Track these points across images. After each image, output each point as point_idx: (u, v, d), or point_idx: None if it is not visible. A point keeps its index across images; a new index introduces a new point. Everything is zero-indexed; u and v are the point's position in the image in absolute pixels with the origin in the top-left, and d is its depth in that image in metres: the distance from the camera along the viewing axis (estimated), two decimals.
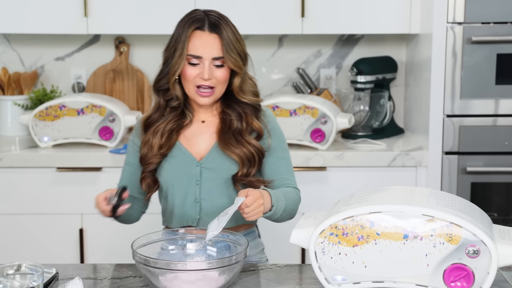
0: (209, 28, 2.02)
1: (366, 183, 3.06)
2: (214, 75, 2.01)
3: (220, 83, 2.03)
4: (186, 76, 2.02)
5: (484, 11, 3.00)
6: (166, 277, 1.69)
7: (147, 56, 3.61)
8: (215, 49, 2.01)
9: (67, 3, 3.23)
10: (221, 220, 1.83)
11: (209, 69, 2.00)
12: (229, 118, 2.07)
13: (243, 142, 2.04)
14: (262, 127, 2.08)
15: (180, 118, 2.09)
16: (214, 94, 2.04)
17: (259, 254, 2.17)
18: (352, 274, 1.69)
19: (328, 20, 3.25)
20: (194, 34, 2.02)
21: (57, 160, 3.09)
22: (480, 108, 3.06)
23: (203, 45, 2.01)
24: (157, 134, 2.06)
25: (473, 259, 1.63)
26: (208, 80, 2.01)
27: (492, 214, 3.06)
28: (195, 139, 2.09)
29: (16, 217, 3.12)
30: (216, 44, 2.01)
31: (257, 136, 2.08)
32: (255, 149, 2.05)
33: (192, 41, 2.01)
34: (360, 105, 3.37)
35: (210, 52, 2.00)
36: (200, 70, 2.01)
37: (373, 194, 1.75)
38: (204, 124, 2.10)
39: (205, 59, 2.01)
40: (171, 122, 2.08)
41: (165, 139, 2.06)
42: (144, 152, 2.08)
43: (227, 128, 2.06)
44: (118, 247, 3.07)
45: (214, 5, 3.19)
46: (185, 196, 2.07)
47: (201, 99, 2.04)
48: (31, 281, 1.61)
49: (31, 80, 3.50)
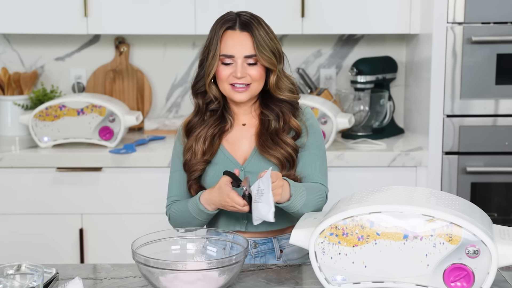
0: (240, 27, 2.02)
1: (366, 183, 3.05)
2: (247, 73, 2.01)
3: (255, 81, 2.03)
4: (220, 76, 2.02)
5: (484, 11, 3.00)
6: (166, 277, 1.69)
7: (147, 56, 3.61)
8: (246, 47, 2.01)
9: (67, 3, 3.23)
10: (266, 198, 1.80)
11: (242, 68, 2.00)
12: (267, 119, 2.07)
13: (280, 143, 2.03)
14: (300, 125, 2.07)
15: (221, 123, 2.09)
16: (250, 90, 2.03)
17: (303, 257, 2.12)
18: (352, 274, 1.69)
19: (328, 20, 3.25)
20: (225, 34, 2.02)
21: (57, 160, 3.09)
22: (480, 108, 3.06)
23: (234, 44, 2.01)
24: (200, 140, 2.06)
25: (473, 259, 1.63)
26: (241, 78, 2.00)
27: (492, 214, 3.06)
28: (237, 142, 2.08)
29: (16, 217, 3.12)
30: (248, 42, 2.01)
31: (295, 134, 2.07)
32: (292, 148, 2.04)
33: (224, 41, 2.02)
34: (360, 105, 3.37)
35: (241, 51, 2.00)
36: (233, 69, 2.01)
37: (373, 194, 1.75)
38: (245, 127, 2.10)
39: (238, 57, 2.01)
40: (212, 127, 2.07)
41: (207, 145, 2.05)
42: (188, 158, 2.07)
43: (265, 130, 2.06)
44: (118, 247, 3.07)
45: (214, 5, 3.21)
46: None
47: (236, 95, 2.03)
48: (31, 281, 1.61)
49: (31, 80, 3.50)
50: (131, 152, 3.09)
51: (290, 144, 2.04)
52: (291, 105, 2.08)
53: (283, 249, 2.08)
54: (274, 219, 1.81)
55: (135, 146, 3.16)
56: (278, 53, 2.05)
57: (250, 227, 2.05)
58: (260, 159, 2.05)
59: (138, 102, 3.59)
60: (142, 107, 3.59)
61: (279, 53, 2.05)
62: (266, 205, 1.81)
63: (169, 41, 3.57)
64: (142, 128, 3.58)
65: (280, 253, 2.08)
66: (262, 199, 1.82)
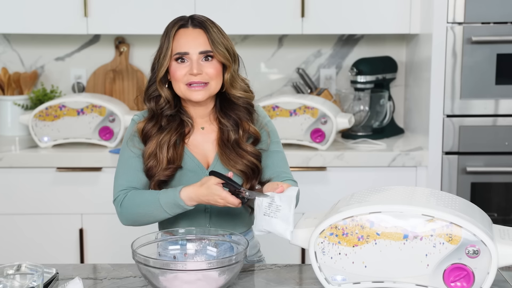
0: (192, 24, 2.00)
1: (366, 183, 3.05)
2: (204, 71, 1.97)
3: (212, 79, 1.99)
4: (175, 76, 1.98)
5: (484, 11, 3.00)
6: (166, 277, 1.69)
7: (147, 56, 3.57)
8: (201, 43, 1.98)
9: (67, 3, 3.23)
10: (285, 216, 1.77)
11: (197, 64, 1.97)
12: (226, 129, 2.04)
13: (242, 153, 2.01)
14: (258, 131, 2.06)
15: (181, 128, 2.04)
16: (208, 89, 1.99)
17: (257, 253, 2.17)
18: (352, 274, 1.69)
19: (328, 20, 3.25)
20: (178, 33, 2.00)
21: (57, 160, 3.09)
22: (480, 108, 3.06)
23: (188, 41, 1.98)
24: (163, 147, 2.00)
25: (473, 259, 1.63)
26: (198, 76, 1.96)
27: (492, 214, 3.06)
28: (200, 146, 2.06)
29: (16, 217, 3.12)
30: (202, 38, 1.98)
31: (254, 140, 2.06)
32: (255, 156, 2.03)
33: (176, 40, 1.99)
34: (360, 105, 3.37)
35: (196, 47, 1.97)
36: (189, 67, 1.97)
37: (373, 194, 1.75)
38: (204, 131, 2.07)
39: (192, 54, 1.97)
40: (174, 133, 2.02)
41: (172, 152, 2.01)
42: (152, 164, 2.01)
43: (226, 141, 2.03)
44: (118, 247, 3.07)
45: (214, 5, 3.21)
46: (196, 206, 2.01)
47: (193, 94, 1.98)
48: (31, 281, 1.61)
49: (31, 80, 3.50)
50: None
51: (253, 153, 2.03)
52: (247, 110, 2.05)
53: None
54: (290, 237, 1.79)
55: None
56: (233, 52, 2.02)
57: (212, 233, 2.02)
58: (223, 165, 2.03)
59: (138, 102, 3.58)
60: (142, 107, 3.58)
61: (233, 52, 2.03)
62: (283, 223, 1.78)
63: None
64: None
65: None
66: (278, 215, 1.79)
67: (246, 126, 2.05)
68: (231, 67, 2.01)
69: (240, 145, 2.03)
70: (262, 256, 2.20)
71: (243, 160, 2.01)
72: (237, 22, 3.26)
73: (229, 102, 2.06)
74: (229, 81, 2.02)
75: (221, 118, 2.05)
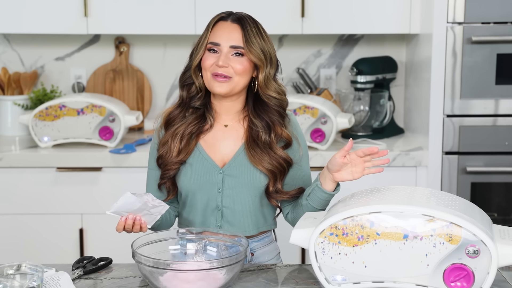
0: (231, 18, 2.00)
1: (366, 183, 3.05)
2: (230, 64, 1.96)
3: (238, 74, 1.97)
4: (203, 64, 1.98)
5: (484, 11, 3.00)
6: (166, 277, 1.69)
7: (147, 56, 3.61)
8: (234, 38, 1.97)
9: (67, 3, 3.24)
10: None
11: (225, 57, 1.96)
12: (256, 129, 2.01)
13: (273, 155, 2.00)
14: (291, 137, 2.04)
15: (200, 122, 2.03)
16: (231, 83, 1.97)
17: (274, 258, 2.12)
18: (352, 274, 1.69)
19: (328, 20, 3.25)
20: (217, 24, 2.00)
21: (57, 160, 3.09)
22: (480, 108, 3.06)
23: (222, 33, 1.98)
24: (176, 137, 2.00)
25: (473, 259, 1.63)
26: (223, 68, 1.95)
27: (492, 214, 3.06)
28: (217, 144, 2.03)
29: (16, 217, 3.12)
30: (236, 33, 1.97)
31: (285, 144, 2.04)
32: (283, 159, 2.00)
33: (214, 30, 1.99)
34: (360, 105, 3.37)
35: (228, 40, 1.97)
36: (217, 58, 1.97)
37: (373, 194, 1.75)
38: (227, 128, 2.05)
39: (223, 46, 1.96)
40: (191, 125, 2.01)
41: (184, 144, 2.00)
42: (163, 153, 2.02)
43: (256, 139, 2.01)
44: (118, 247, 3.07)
45: (214, 5, 3.20)
46: (206, 203, 2.02)
47: (216, 86, 1.96)
48: (31, 281, 1.61)
49: (31, 80, 3.50)
50: (131, 152, 3.09)
51: (283, 156, 2.01)
52: (279, 114, 2.04)
53: (254, 252, 2.06)
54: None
55: (135, 146, 3.16)
56: (270, 56, 2.01)
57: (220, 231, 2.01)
58: (242, 164, 2.01)
59: (138, 102, 3.59)
60: (142, 107, 3.59)
61: (271, 56, 2.02)
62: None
63: (169, 41, 3.57)
64: (142, 128, 3.58)
65: (251, 256, 2.06)
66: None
67: (279, 131, 2.02)
68: (264, 69, 1.99)
69: (271, 147, 2.00)
70: (281, 261, 2.15)
71: (272, 161, 1.99)
72: None
73: (262, 103, 2.03)
74: (263, 82, 2.00)
75: (253, 118, 2.03)
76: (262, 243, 2.07)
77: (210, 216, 2.03)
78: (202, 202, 2.02)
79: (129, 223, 1.89)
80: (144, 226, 1.90)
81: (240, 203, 2.01)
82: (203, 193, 2.01)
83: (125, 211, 1.88)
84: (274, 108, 2.03)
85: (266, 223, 2.07)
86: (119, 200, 1.87)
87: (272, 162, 1.99)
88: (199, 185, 2.01)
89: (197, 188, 2.01)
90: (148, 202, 1.87)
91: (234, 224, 2.02)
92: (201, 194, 2.01)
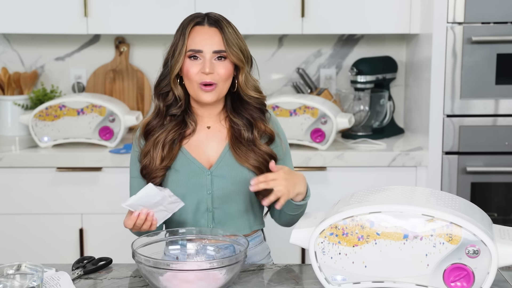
0: (208, 22, 1.99)
1: (366, 183, 3.06)
2: (216, 70, 1.95)
3: (222, 80, 1.97)
4: (188, 73, 1.96)
5: (484, 11, 3.00)
6: (166, 277, 1.69)
7: (147, 56, 3.61)
8: (215, 42, 1.96)
9: (67, 3, 3.24)
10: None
11: (210, 63, 1.95)
12: (237, 128, 2.02)
13: (257, 151, 2.00)
14: (274, 132, 2.04)
15: (181, 127, 2.02)
16: (217, 90, 1.97)
17: (265, 258, 2.13)
18: (352, 274, 1.69)
19: (328, 20, 3.25)
20: (193, 30, 1.98)
21: (57, 160, 3.09)
22: (480, 108, 3.06)
23: (203, 39, 1.96)
24: (158, 145, 1.99)
25: (473, 259, 1.63)
26: (209, 75, 1.95)
27: (492, 214, 3.06)
28: (202, 146, 2.03)
29: (16, 217, 3.12)
30: (217, 38, 1.97)
31: (269, 140, 2.04)
32: (268, 155, 2.01)
33: (191, 37, 1.97)
34: (360, 105, 3.37)
35: (210, 45, 1.96)
36: (202, 65, 1.96)
37: (373, 194, 1.75)
38: (210, 130, 2.04)
39: (206, 52, 1.95)
40: (171, 132, 2.00)
41: (167, 151, 1.99)
42: (146, 163, 2.00)
43: (238, 137, 2.01)
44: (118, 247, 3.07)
45: (214, 5, 3.20)
46: (196, 206, 2.01)
47: (204, 96, 1.96)
48: (31, 281, 1.61)
49: (31, 80, 3.50)
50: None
51: (268, 152, 2.01)
52: (260, 111, 2.04)
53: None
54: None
55: None
56: (247, 53, 2.01)
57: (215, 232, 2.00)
58: (229, 164, 2.01)
59: (138, 102, 3.59)
60: (142, 107, 3.59)
61: (247, 53, 2.02)
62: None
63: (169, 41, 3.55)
64: None
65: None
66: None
67: (262, 127, 2.03)
68: (244, 68, 2.00)
69: (255, 143, 2.01)
70: (271, 261, 2.16)
71: (258, 157, 2.00)
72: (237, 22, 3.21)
73: (242, 102, 2.04)
74: (244, 82, 2.01)
75: (233, 117, 2.03)
76: (254, 243, 2.07)
77: (200, 219, 2.02)
78: (192, 205, 2.01)
79: (141, 217, 1.86)
80: (154, 223, 1.88)
81: (231, 203, 2.01)
82: (192, 196, 2.00)
83: (141, 204, 1.85)
84: (254, 105, 2.04)
85: (257, 222, 2.07)
86: (139, 192, 1.84)
87: (258, 158, 1.99)
88: (188, 188, 2.00)
89: (186, 192, 2.00)
90: (167, 197, 1.85)
91: (226, 225, 2.02)
92: (190, 197, 2.00)
